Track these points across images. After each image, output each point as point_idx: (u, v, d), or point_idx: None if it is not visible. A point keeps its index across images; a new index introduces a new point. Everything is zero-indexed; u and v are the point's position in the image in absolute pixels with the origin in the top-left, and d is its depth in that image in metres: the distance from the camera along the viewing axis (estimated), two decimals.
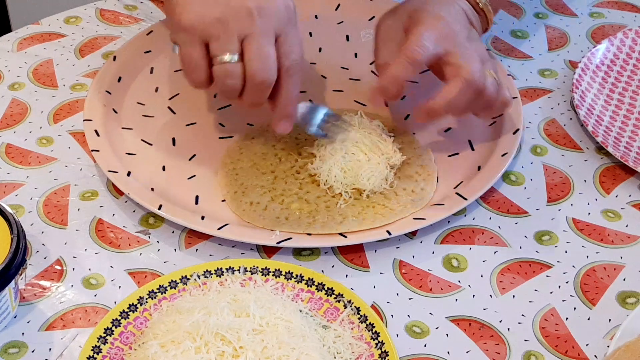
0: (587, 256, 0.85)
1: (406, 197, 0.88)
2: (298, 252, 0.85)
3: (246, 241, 0.83)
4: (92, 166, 0.92)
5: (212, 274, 0.81)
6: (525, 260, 0.85)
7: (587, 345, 0.78)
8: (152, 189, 0.88)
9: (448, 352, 0.77)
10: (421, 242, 0.86)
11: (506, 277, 0.83)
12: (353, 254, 0.85)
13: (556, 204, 0.90)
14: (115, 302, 0.80)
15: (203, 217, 0.85)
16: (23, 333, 0.77)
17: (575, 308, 0.81)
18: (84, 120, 0.94)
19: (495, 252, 0.85)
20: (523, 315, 0.80)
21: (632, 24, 1.14)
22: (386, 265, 0.84)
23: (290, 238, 0.83)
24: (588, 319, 0.80)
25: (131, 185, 0.88)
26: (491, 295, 0.82)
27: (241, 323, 0.73)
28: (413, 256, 0.85)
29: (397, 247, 0.85)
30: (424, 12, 0.89)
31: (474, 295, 0.82)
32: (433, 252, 0.85)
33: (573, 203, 0.90)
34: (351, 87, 1.02)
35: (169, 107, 0.99)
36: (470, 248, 0.86)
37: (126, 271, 0.83)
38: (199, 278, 0.80)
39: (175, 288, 0.80)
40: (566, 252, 0.85)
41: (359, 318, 0.77)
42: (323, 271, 0.83)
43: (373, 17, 1.10)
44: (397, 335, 0.78)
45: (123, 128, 0.96)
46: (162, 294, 0.79)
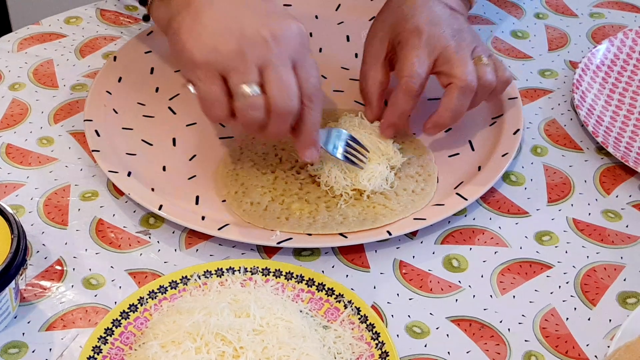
0: (588, 256, 0.85)
1: (406, 198, 0.88)
2: (298, 253, 0.85)
3: (246, 241, 0.84)
4: (93, 166, 0.92)
5: (213, 274, 0.81)
6: (525, 260, 0.85)
7: (588, 345, 0.78)
8: (153, 189, 0.88)
9: (448, 353, 0.77)
10: (421, 243, 0.86)
11: (506, 278, 0.83)
12: (353, 254, 0.85)
13: (556, 204, 0.90)
14: (115, 303, 0.80)
15: (203, 217, 0.85)
16: (23, 333, 0.77)
17: (575, 308, 0.81)
18: (85, 120, 0.94)
19: (495, 253, 0.85)
20: (523, 315, 0.80)
21: (633, 24, 1.14)
22: (386, 265, 0.84)
23: (290, 238, 0.83)
24: (588, 319, 0.80)
25: (131, 185, 0.88)
26: (491, 295, 0.82)
27: (241, 323, 0.73)
28: (413, 256, 0.85)
29: (398, 248, 0.85)
30: (404, 29, 0.90)
31: (474, 295, 0.82)
32: (433, 253, 0.85)
33: (573, 203, 0.90)
34: (351, 87, 1.02)
35: (169, 107, 0.99)
36: (470, 248, 0.86)
37: (126, 271, 0.83)
38: (199, 278, 0.80)
39: (175, 288, 0.80)
40: (566, 253, 0.85)
41: (360, 318, 0.77)
42: (323, 271, 0.83)
43: (373, 17, 1.10)
44: (398, 335, 0.78)
45: (123, 128, 0.96)
46: (163, 294, 0.79)
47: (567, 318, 0.80)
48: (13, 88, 1.02)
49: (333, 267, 0.84)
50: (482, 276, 0.83)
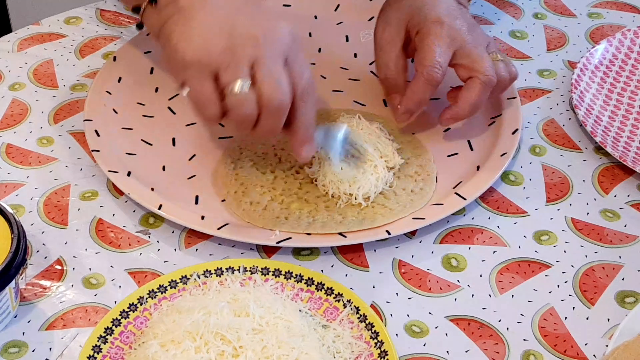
0: (586, 256, 0.85)
1: (405, 197, 0.88)
2: (298, 252, 0.85)
3: (246, 241, 0.84)
4: (93, 166, 0.92)
5: (212, 274, 0.81)
6: (524, 259, 0.85)
7: (586, 344, 0.78)
8: (152, 189, 0.88)
9: (447, 352, 0.77)
10: (420, 242, 0.86)
11: (505, 277, 0.83)
12: (352, 254, 0.85)
13: (555, 204, 0.90)
14: (115, 302, 0.80)
15: (203, 217, 0.85)
16: (23, 332, 0.78)
17: (574, 307, 0.81)
18: (84, 120, 0.94)
19: (494, 252, 0.85)
20: (522, 314, 0.80)
21: (631, 24, 1.14)
22: (385, 264, 0.84)
23: (289, 238, 0.84)
24: (587, 319, 0.80)
25: (131, 185, 0.88)
26: (490, 294, 0.82)
27: (241, 322, 0.73)
28: (412, 256, 0.85)
29: (397, 247, 0.86)
30: (426, 19, 0.91)
31: (473, 294, 0.82)
32: (432, 252, 0.85)
33: (572, 203, 0.90)
34: (351, 87, 1.02)
35: (169, 107, 0.99)
36: (469, 248, 0.86)
37: (126, 271, 0.83)
38: (199, 278, 0.80)
39: (175, 288, 0.80)
40: (565, 252, 0.86)
41: (359, 317, 0.77)
42: (322, 271, 0.83)
43: (372, 18, 1.10)
44: (397, 334, 0.78)
45: (123, 128, 0.96)
46: (162, 294, 0.79)
47: (566, 317, 0.80)
48: (13, 88, 1.02)
49: (332, 267, 0.84)
50: (481, 275, 0.83)
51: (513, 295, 0.82)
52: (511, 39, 1.11)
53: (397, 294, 0.82)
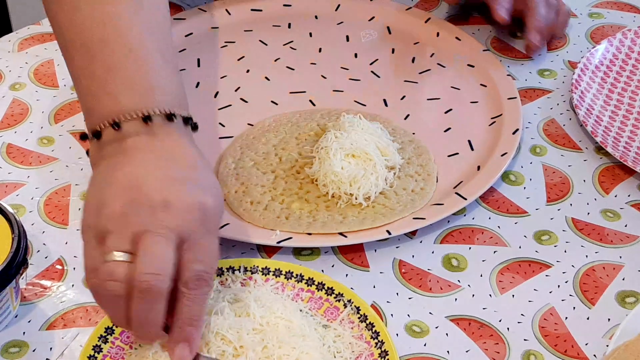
0: (587, 256, 0.85)
1: (406, 197, 0.88)
2: (298, 252, 0.85)
3: (246, 241, 0.84)
4: None
5: None
6: (524, 259, 0.85)
7: (587, 344, 0.78)
8: None
9: (448, 352, 0.77)
10: (421, 242, 0.86)
11: (506, 277, 0.83)
12: (353, 254, 0.85)
13: (555, 204, 0.90)
14: None
15: None
16: (24, 332, 0.78)
17: (574, 307, 0.81)
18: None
19: (494, 252, 0.85)
20: (522, 314, 0.80)
21: (631, 24, 1.14)
22: (386, 264, 0.84)
23: (290, 237, 0.84)
24: (587, 319, 0.80)
25: None
26: (491, 294, 0.82)
27: (241, 322, 0.73)
28: (413, 256, 0.85)
29: (397, 247, 0.86)
30: None
31: (474, 294, 0.82)
32: (433, 252, 0.85)
33: (572, 203, 0.90)
34: (351, 87, 1.02)
35: None
36: (469, 248, 0.86)
37: None
38: None
39: None
40: (565, 252, 0.86)
41: (359, 317, 0.77)
42: (323, 271, 0.83)
43: (373, 18, 1.11)
44: (397, 334, 0.78)
45: None
46: None
47: (566, 317, 0.80)
48: (13, 88, 1.02)
49: (333, 267, 0.84)
50: (482, 275, 0.83)
51: (513, 295, 0.82)
52: (511, 39, 1.11)
53: (398, 294, 0.82)
